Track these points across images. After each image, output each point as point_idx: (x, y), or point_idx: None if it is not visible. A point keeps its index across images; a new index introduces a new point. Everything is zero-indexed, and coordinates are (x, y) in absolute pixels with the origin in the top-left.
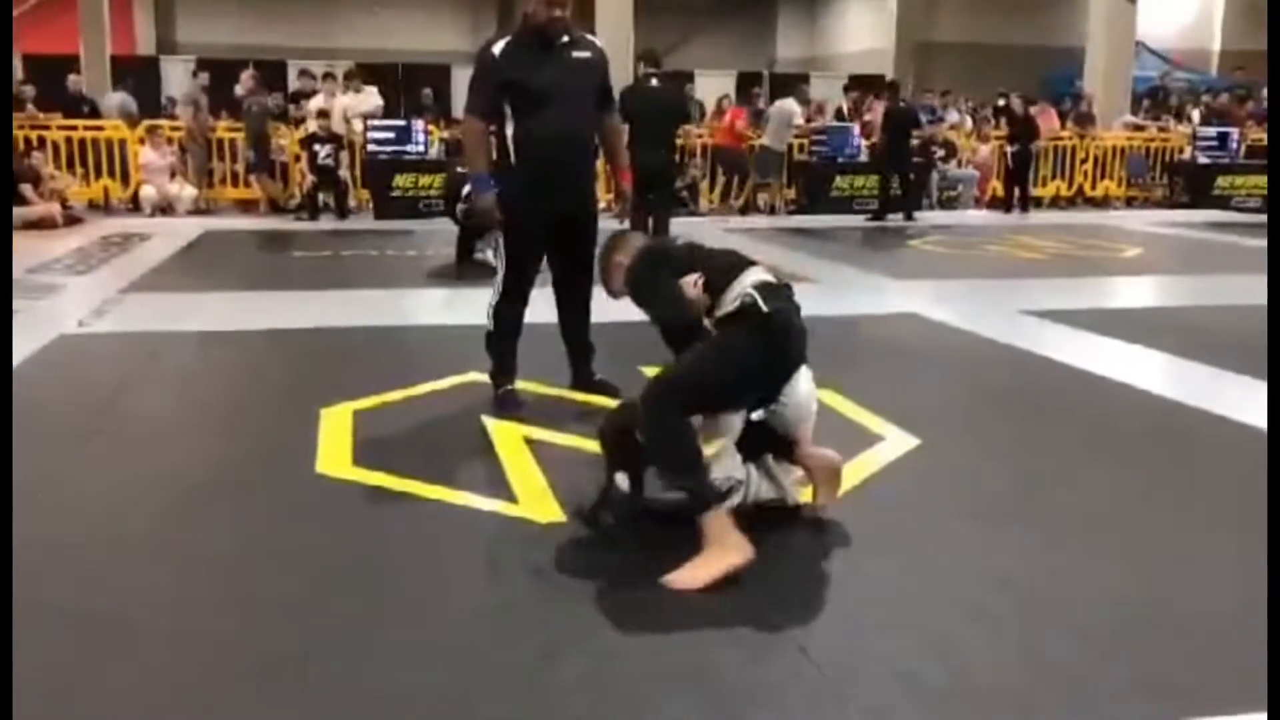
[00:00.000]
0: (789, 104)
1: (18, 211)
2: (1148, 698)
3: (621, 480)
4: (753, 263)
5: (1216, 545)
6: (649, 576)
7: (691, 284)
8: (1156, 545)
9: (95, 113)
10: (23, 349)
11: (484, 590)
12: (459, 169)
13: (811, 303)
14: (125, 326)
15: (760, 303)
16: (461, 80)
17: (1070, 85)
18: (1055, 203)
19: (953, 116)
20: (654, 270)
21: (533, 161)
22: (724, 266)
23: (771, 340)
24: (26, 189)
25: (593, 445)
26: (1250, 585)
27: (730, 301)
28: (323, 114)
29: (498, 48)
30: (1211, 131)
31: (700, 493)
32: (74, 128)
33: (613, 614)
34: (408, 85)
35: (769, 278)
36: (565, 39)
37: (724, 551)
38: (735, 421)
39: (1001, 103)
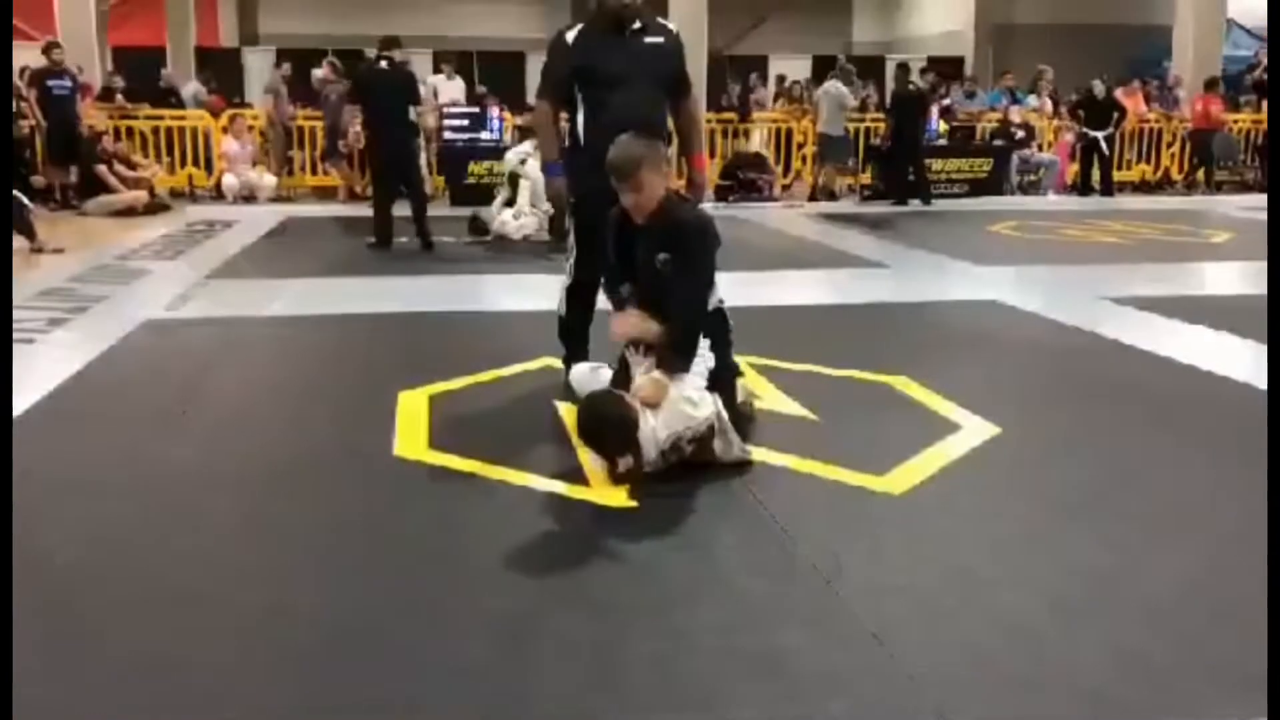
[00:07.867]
0: (836, 86)
1: (104, 199)
2: (1225, 689)
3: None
4: None
5: None
6: (720, 562)
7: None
8: (1240, 537)
9: (182, 103)
10: (113, 333)
11: (557, 570)
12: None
13: (889, 289)
14: (210, 311)
15: None
16: (535, 68)
17: (1157, 66)
18: (1140, 187)
19: (1032, 101)
20: None
21: (601, 146)
22: None
23: None
24: (102, 170)
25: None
26: None
27: None
28: None
29: (570, 35)
30: None
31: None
32: (160, 118)
33: (684, 597)
34: (482, 73)
35: None
36: (638, 25)
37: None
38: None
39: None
